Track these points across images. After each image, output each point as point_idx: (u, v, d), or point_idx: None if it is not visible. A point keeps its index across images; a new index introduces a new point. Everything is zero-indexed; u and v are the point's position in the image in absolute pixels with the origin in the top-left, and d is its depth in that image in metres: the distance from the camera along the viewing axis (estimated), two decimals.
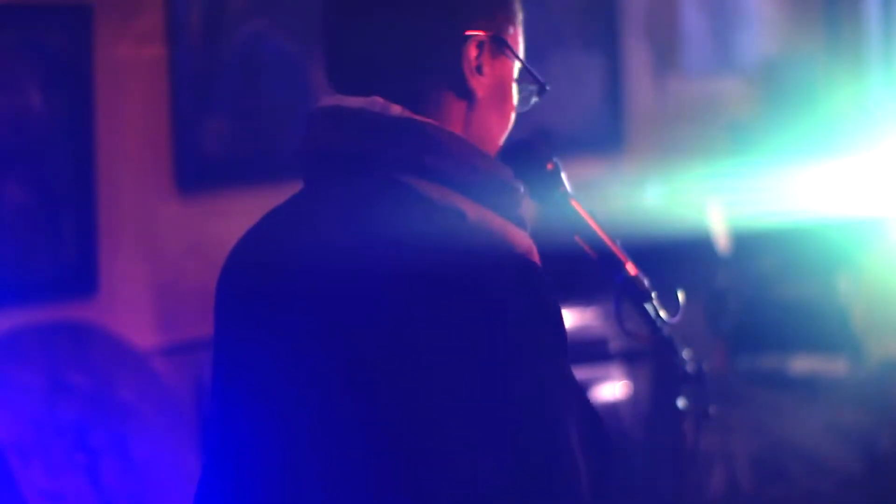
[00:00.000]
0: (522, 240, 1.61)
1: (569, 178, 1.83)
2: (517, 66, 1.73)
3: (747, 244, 4.66)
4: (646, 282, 1.91)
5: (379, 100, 1.64)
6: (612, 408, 4.11)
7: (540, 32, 4.70)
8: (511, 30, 1.72)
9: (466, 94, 1.67)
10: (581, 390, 1.61)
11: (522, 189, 1.70)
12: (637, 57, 5.13)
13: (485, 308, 1.51)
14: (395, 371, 1.51)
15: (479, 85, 1.68)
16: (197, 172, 3.89)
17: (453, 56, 1.66)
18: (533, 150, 1.79)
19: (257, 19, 4.01)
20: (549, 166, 1.81)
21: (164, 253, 3.84)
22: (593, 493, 1.56)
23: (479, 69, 1.67)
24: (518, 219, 1.66)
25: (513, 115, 1.75)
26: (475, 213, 1.60)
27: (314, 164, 1.69)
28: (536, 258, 1.61)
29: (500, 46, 1.70)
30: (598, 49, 4.99)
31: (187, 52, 3.87)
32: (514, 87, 1.74)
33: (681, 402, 2.02)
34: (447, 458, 1.50)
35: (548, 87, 1.77)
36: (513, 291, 1.53)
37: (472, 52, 1.66)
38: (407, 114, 1.63)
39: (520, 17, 1.74)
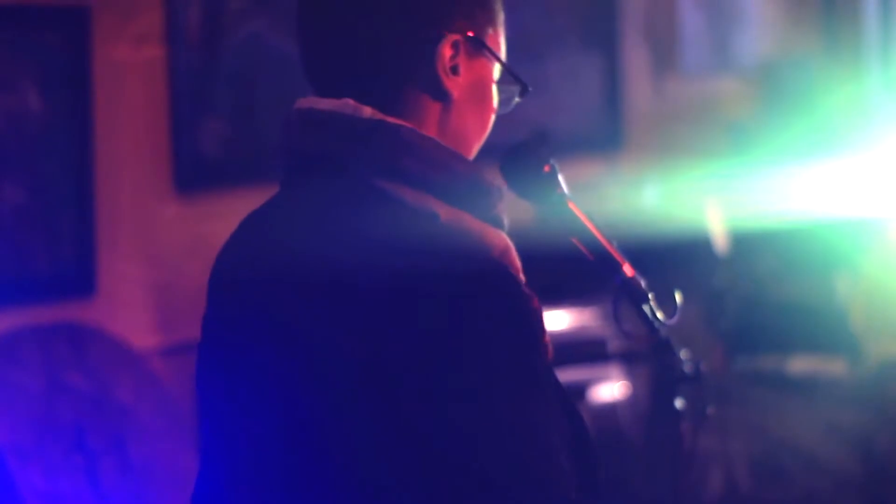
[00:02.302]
0: (498, 241, 1.60)
1: (567, 178, 1.83)
2: (497, 67, 1.71)
3: (746, 244, 4.66)
4: (644, 283, 1.91)
5: (350, 102, 1.63)
6: (611, 408, 4.11)
7: (539, 32, 4.70)
8: (491, 30, 1.70)
9: (441, 95, 1.66)
10: (563, 391, 1.60)
11: (501, 187, 1.68)
12: (636, 57, 5.13)
13: (456, 312, 1.50)
14: (370, 374, 1.51)
15: (455, 85, 1.66)
16: (195, 173, 3.89)
17: (426, 56, 1.64)
18: (530, 152, 1.79)
19: (255, 21, 4.00)
20: (546, 168, 1.80)
21: (163, 254, 3.84)
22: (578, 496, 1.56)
23: (454, 69, 1.66)
24: (494, 219, 1.65)
25: (492, 117, 1.73)
26: (449, 216, 1.59)
27: (289, 166, 1.69)
28: (513, 258, 1.60)
29: (478, 47, 1.68)
30: (597, 49, 4.99)
31: (185, 54, 3.87)
32: (494, 89, 1.72)
33: (679, 403, 2.02)
34: (423, 460, 1.50)
35: (530, 89, 1.75)
36: (485, 296, 1.52)
37: (447, 52, 1.65)
38: (378, 116, 1.62)
39: (501, 17, 1.72)
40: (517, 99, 1.75)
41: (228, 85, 3.97)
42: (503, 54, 1.74)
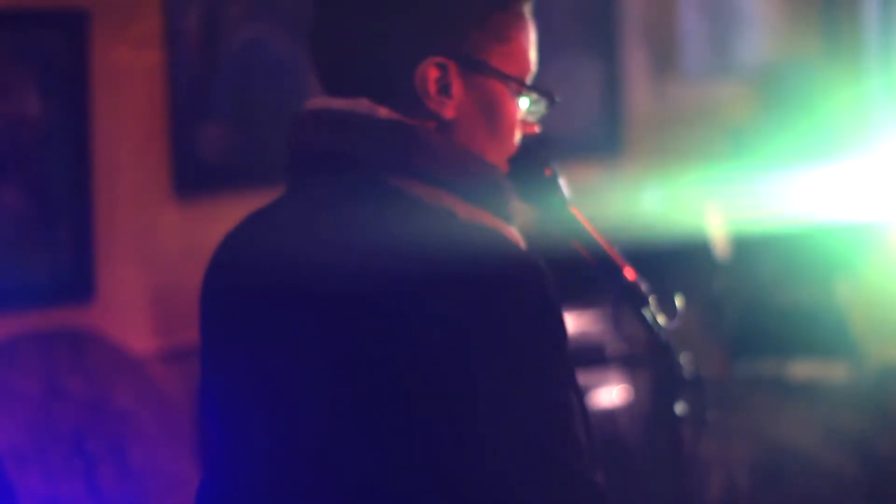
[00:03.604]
0: (517, 237, 1.62)
1: (567, 182, 1.83)
2: (514, 82, 1.69)
3: (746, 249, 4.66)
4: (644, 287, 1.91)
5: (366, 101, 1.64)
6: (611, 413, 4.10)
7: (539, 37, 4.70)
8: (497, 46, 1.67)
9: (429, 116, 1.65)
10: (580, 389, 1.61)
11: (509, 186, 1.69)
12: (635, 61, 5.13)
13: (487, 305, 1.50)
14: (394, 372, 1.50)
15: (446, 107, 1.65)
16: (194, 177, 3.89)
17: (405, 78, 1.63)
18: (531, 156, 1.78)
19: (254, 24, 4.00)
20: (548, 172, 1.80)
21: (162, 258, 3.83)
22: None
23: (443, 91, 1.64)
24: (508, 216, 1.66)
25: (514, 134, 1.71)
26: (466, 213, 1.60)
27: (300, 165, 1.68)
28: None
29: (476, 66, 1.66)
30: (597, 53, 4.99)
31: (185, 58, 3.87)
32: (513, 104, 1.69)
33: (679, 408, 2.02)
34: (444, 457, 1.50)
35: (557, 99, 1.72)
36: (518, 287, 1.52)
37: (432, 74, 1.63)
38: (394, 115, 1.63)
39: (513, 31, 1.69)
40: (544, 111, 1.74)
41: (227, 89, 3.97)
42: (527, 66, 1.71)
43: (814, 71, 5.46)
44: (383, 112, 1.63)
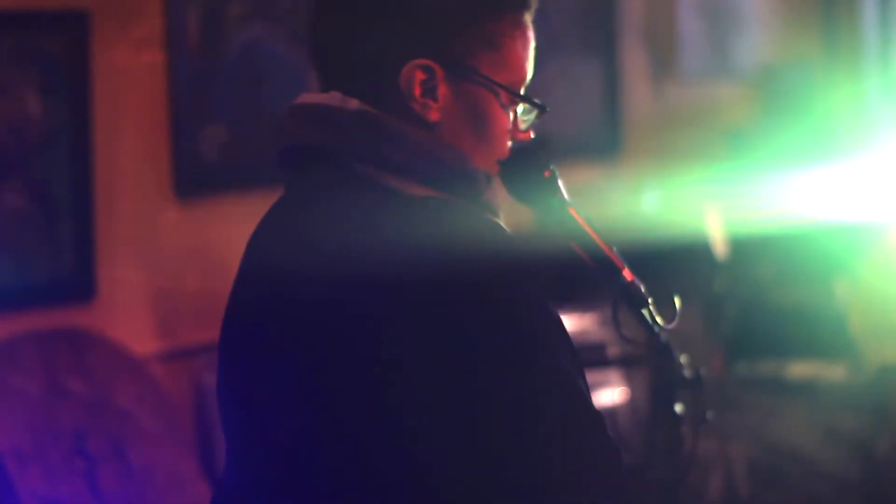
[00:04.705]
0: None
1: (566, 183, 1.83)
2: (503, 90, 1.68)
3: (745, 249, 4.67)
4: (643, 287, 1.91)
5: (338, 94, 1.65)
6: (611, 413, 4.11)
7: (538, 38, 4.71)
8: (488, 53, 1.67)
9: (414, 118, 1.65)
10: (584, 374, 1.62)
11: (488, 173, 1.69)
12: (635, 62, 5.13)
13: (483, 293, 1.51)
14: (398, 369, 1.51)
15: (430, 109, 1.65)
16: (195, 178, 3.89)
17: (390, 79, 1.64)
18: (530, 157, 1.78)
19: (255, 26, 4.01)
20: (547, 173, 1.80)
21: (162, 259, 3.84)
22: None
23: (428, 93, 1.64)
24: (487, 204, 1.66)
25: (503, 140, 1.71)
26: (443, 201, 1.60)
27: (284, 161, 1.70)
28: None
29: (464, 72, 1.65)
30: (596, 54, 4.99)
31: (186, 59, 3.87)
32: (501, 112, 1.69)
33: (679, 408, 2.02)
34: (449, 459, 1.50)
35: (548, 109, 1.72)
36: (505, 274, 1.54)
37: (417, 75, 1.64)
38: (364, 107, 1.63)
39: (504, 40, 1.68)
40: (535, 120, 1.73)
41: (228, 90, 3.97)
42: (520, 75, 1.71)
43: (813, 71, 5.47)
44: (353, 104, 1.64)
